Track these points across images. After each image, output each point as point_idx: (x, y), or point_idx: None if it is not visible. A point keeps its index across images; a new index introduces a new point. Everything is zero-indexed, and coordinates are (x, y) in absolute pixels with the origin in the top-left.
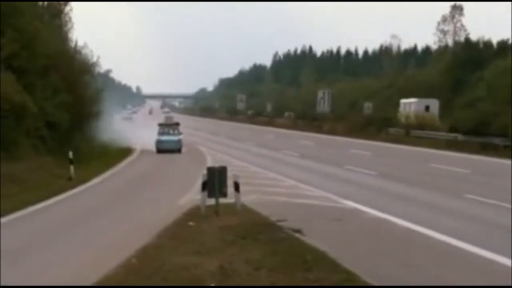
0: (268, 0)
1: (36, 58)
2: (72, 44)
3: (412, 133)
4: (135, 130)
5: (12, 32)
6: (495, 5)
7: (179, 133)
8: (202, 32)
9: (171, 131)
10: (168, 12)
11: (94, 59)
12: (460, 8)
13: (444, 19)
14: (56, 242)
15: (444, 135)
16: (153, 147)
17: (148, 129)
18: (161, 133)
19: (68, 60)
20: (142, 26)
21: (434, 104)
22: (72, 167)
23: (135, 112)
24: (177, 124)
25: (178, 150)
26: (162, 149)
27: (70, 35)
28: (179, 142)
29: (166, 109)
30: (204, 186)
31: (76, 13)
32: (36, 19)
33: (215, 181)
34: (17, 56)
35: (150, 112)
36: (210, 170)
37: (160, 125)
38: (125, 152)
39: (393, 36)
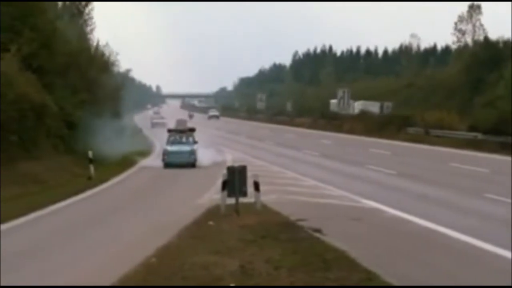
0: (288, 0)
1: (55, 57)
2: (93, 44)
3: (432, 132)
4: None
5: (29, 31)
6: None
7: (194, 142)
8: (222, 32)
9: (183, 139)
10: (189, 12)
11: (114, 58)
12: (478, 8)
13: (461, 19)
14: (77, 241)
15: (463, 134)
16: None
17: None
18: (170, 142)
19: (87, 59)
20: (162, 26)
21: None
22: (92, 167)
23: (158, 113)
24: (192, 130)
25: (192, 165)
26: (170, 162)
27: (90, 35)
28: (192, 153)
29: (214, 112)
30: (224, 185)
31: (97, 13)
32: (55, 18)
33: (235, 181)
34: (36, 56)
35: (191, 116)
36: (230, 170)
37: (170, 131)
38: (145, 152)
39: (413, 36)
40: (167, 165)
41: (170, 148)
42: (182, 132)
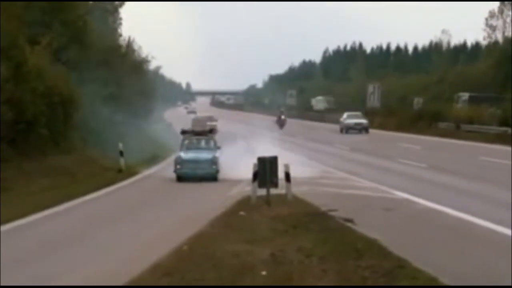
0: (318, 0)
1: (86, 52)
2: (123, 40)
3: (462, 127)
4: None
5: (59, 26)
6: None
7: (215, 147)
8: (252, 30)
9: (202, 144)
10: (218, 10)
11: (145, 55)
12: (510, 4)
13: (492, 15)
14: (110, 230)
15: (494, 129)
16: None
17: None
18: (185, 148)
19: (118, 55)
20: (192, 24)
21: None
22: (122, 159)
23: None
24: (211, 131)
25: (213, 178)
26: (185, 174)
27: (120, 31)
28: (214, 162)
29: (358, 118)
30: (255, 176)
31: (128, 11)
32: (86, 14)
33: (266, 171)
34: (66, 50)
35: (282, 124)
36: (261, 160)
37: (184, 133)
38: (173, 146)
39: (443, 32)
40: (181, 177)
41: (185, 155)
42: (200, 135)
